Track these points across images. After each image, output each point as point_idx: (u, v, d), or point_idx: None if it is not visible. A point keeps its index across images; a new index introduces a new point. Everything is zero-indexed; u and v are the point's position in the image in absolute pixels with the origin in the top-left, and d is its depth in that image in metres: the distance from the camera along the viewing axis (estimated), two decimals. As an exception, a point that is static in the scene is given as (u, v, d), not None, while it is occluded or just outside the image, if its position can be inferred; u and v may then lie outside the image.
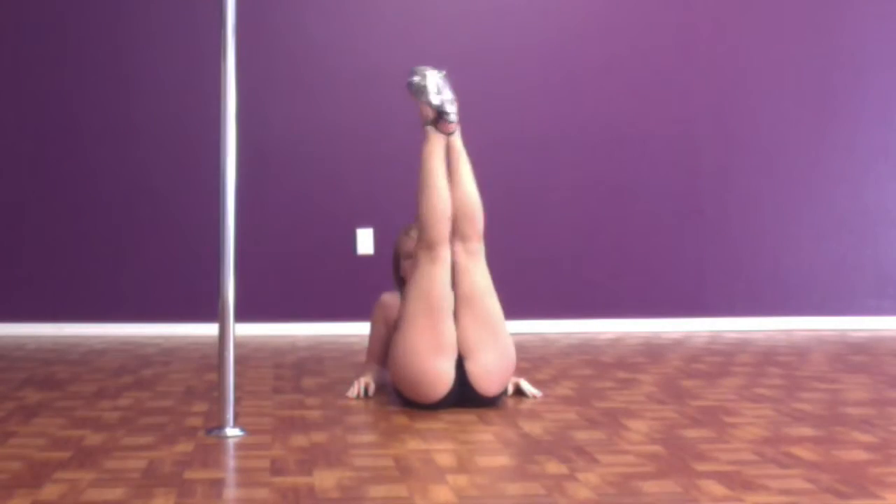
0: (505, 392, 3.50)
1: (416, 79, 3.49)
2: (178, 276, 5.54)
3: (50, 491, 2.40)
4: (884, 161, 5.85)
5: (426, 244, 3.42)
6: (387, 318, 3.80)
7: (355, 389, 3.65)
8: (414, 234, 3.80)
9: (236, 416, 3.30)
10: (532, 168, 5.67)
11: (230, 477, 2.54)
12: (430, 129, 3.49)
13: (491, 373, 3.37)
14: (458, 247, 3.45)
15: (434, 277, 3.38)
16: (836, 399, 3.62)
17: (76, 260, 5.51)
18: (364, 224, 5.60)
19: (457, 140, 3.51)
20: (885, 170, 5.85)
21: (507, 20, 5.67)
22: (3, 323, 5.50)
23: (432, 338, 3.34)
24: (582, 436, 3.01)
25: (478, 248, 3.47)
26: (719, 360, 4.57)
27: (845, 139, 5.83)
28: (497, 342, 3.39)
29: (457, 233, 3.46)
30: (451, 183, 3.48)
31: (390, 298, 3.84)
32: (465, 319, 3.38)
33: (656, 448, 2.85)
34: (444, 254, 3.41)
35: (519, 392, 3.69)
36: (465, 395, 3.40)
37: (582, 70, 5.70)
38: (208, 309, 5.55)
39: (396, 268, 3.85)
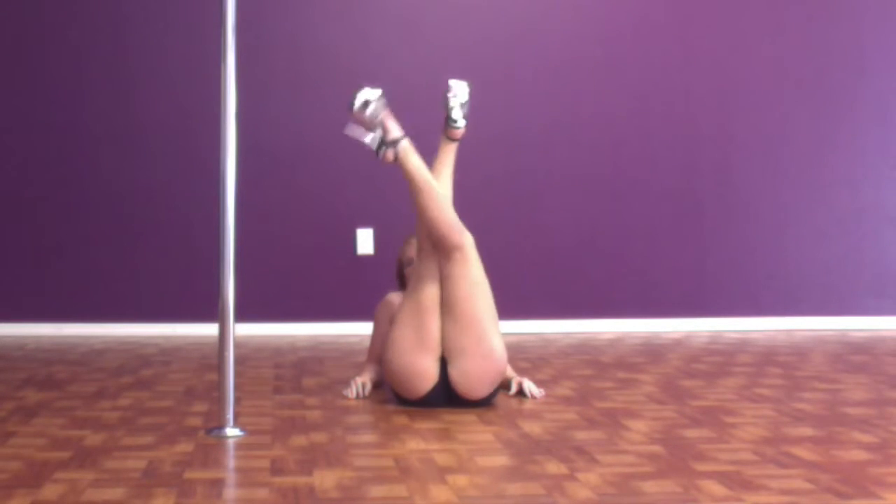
0: (496, 393, 3.49)
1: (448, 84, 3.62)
2: (178, 276, 5.54)
3: (50, 491, 2.40)
4: (884, 161, 5.85)
5: (423, 249, 3.46)
6: (391, 318, 3.81)
7: (353, 390, 3.66)
8: (392, 297, 3.88)
9: (236, 416, 3.30)
10: (532, 167, 5.67)
11: (230, 477, 2.54)
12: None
13: (470, 377, 3.38)
14: (439, 253, 3.46)
15: (423, 279, 3.43)
16: (836, 399, 3.62)
17: (76, 260, 5.51)
18: (364, 224, 5.60)
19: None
20: (885, 170, 5.85)
21: (508, 19, 5.66)
22: (3, 323, 5.50)
23: (416, 335, 3.38)
24: (582, 436, 3.01)
25: (459, 255, 3.43)
26: (719, 360, 4.57)
27: (845, 139, 5.83)
28: (480, 346, 3.38)
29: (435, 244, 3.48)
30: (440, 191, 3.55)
31: (395, 298, 3.85)
32: (447, 324, 3.41)
33: (656, 448, 2.85)
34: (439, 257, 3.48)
35: (520, 392, 3.69)
36: (450, 395, 3.42)
37: (582, 69, 5.70)
38: (208, 309, 5.55)
39: (400, 275, 3.91)
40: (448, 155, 3.62)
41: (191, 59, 5.55)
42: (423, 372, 3.39)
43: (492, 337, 3.40)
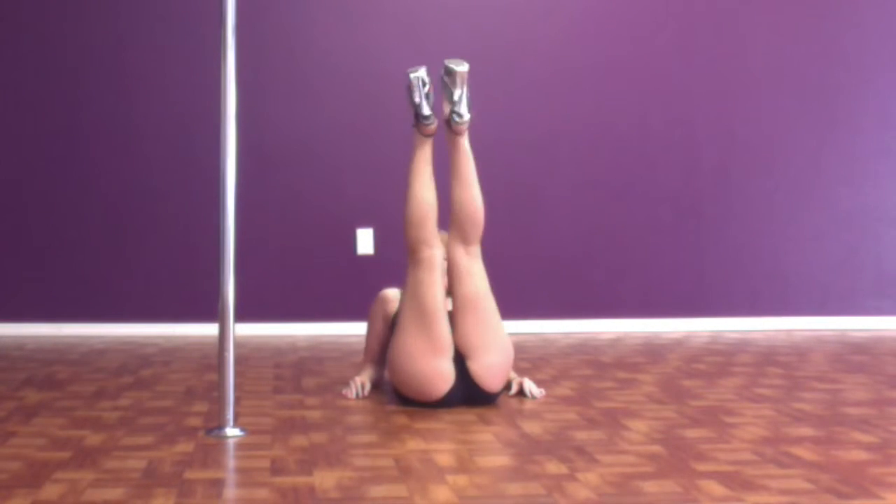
0: (508, 388, 3.52)
1: (409, 79, 3.52)
2: (178, 276, 5.54)
3: (50, 491, 2.40)
4: (884, 161, 5.85)
5: (409, 248, 3.46)
6: (386, 314, 3.80)
7: (352, 390, 3.66)
8: (387, 294, 3.84)
9: (236, 416, 3.30)
10: (532, 168, 5.67)
11: (230, 477, 2.54)
12: (413, 130, 3.53)
13: (494, 370, 3.41)
14: (460, 249, 3.46)
15: (420, 281, 3.42)
16: (836, 399, 3.62)
17: (76, 260, 5.51)
18: (364, 224, 5.60)
19: (464, 141, 3.52)
20: (885, 170, 5.85)
21: (508, 19, 5.67)
22: (3, 323, 5.50)
23: (427, 340, 3.37)
24: (582, 436, 3.01)
25: (477, 249, 3.50)
26: (719, 360, 4.57)
27: (845, 139, 5.83)
28: (499, 340, 3.43)
29: (458, 235, 3.47)
30: (455, 184, 3.50)
31: (390, 294, 3.84)
32: (467, 321, 3.39)
33: (656, 448, 2.85)
34: (428, 255, 3.44)
35: (521, 392, 3.69)
36: (469, 393, 3.42)
37: (582, 70, 5.70)
38: (208, 309, 5.55)
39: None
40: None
41: (191, 59, 5.55)
42: (441, 374, 3.38)
43: (503, 331, 3.46)
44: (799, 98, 5.81)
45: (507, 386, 3.73)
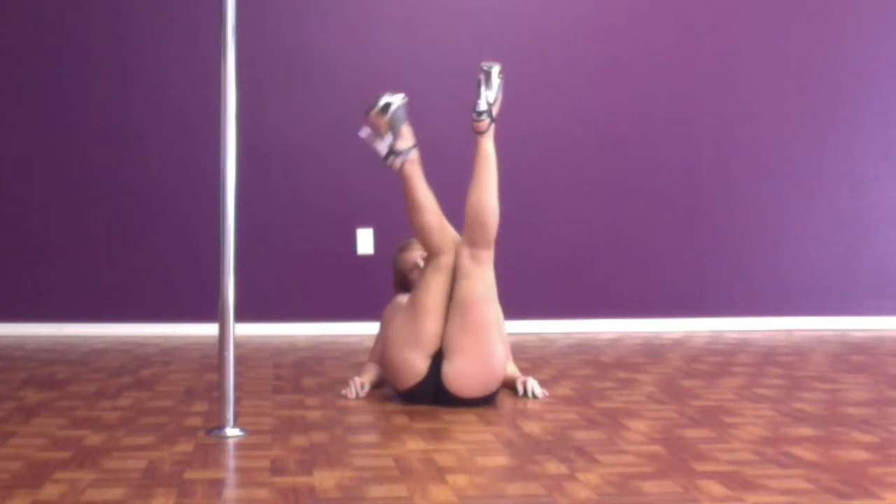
0: (490, 399, 3.47)
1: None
2: (178, 276, 5.54)
3: (50, 491, 2.40)
4: (884, 161, 5.85)
5: (429, 255, 3.48)
6: None
7: (352, 390, 3.66)
8: (411, 247, 3.91)
9: (236, 416, 3.30)
10: (532, 168, 5.67)
11: (230, 477, 2.54)
12: (414, 154, 3.54)
13: (464, 377, 3.39)
14: (465, 251, 3.45)
15: (423, 277, 3.49)
16: (836, 399, 3.62)
17: (76, 260, 5.51)
18: (364, 224, 5.60)
19: (484, 141, 3.51)
20: (885, 170, 5.85)
21: (508, 20, 5.67)
22: (3, 323, 5.50)
23: (410, 331, 3.42)
24: (582, 436, 3.01)
25: (486, 255, 3.45)
26: (719, 360, 4.57)
27: (845, 139, 5.83)
28: (481, 349, 3.39)
29: (466, 236, 3.46)
30: (471, 184, 3.49)
31: (404, 300, 3.84)
32: (453, 322, 3.40)
33: (656, 448, 2.85)
34: (436, 259, 3.49)
35: (526, 392, 3.67)
36: (438, 394, 3.43)
37: (582, 70, 5.70)
38: (208, 309, 5.55)
39: (400, 282, 3.92)
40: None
41: (191, 59, 5.55)
42: (411, 367, 3.42)
43: (495, 342, 3.40)
44: (799, 98, 5.81)
45: (511, 387, 3.73)
